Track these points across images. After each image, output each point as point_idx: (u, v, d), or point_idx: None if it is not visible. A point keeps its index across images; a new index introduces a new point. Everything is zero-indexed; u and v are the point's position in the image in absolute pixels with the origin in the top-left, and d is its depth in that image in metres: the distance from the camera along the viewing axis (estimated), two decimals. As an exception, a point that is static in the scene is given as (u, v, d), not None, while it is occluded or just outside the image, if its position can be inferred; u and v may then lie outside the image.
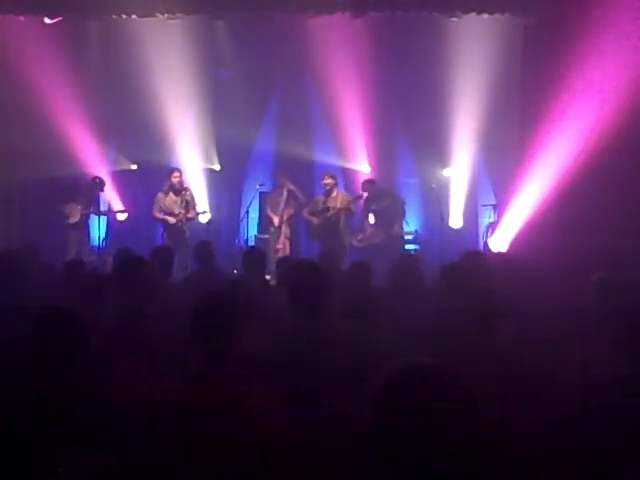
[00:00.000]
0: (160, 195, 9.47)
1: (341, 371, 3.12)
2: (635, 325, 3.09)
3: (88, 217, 9.82)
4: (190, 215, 9.45)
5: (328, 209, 9.45)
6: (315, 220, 9.49)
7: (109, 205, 10.28)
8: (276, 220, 9.75)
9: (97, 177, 9.91)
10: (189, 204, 9.45)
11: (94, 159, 10.28)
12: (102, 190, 9.92)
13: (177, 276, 6.71)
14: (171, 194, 9.46)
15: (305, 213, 9.65)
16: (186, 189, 9.58)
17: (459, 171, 10.27)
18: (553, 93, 8.46)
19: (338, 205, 9.43)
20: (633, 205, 8.33)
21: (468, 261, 5.03)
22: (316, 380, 3.06)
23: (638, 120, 8.16)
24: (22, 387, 2.93)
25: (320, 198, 9.60)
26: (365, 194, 9.61)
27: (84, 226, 9.77)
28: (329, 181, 9.48)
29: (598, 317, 3.64)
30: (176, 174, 9.51)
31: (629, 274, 4.38)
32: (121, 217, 10.42)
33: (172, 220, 9.32)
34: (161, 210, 9.43)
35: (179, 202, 9.41)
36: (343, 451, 2.62)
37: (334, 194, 9.51)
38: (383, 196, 9.63)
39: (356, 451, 1.74)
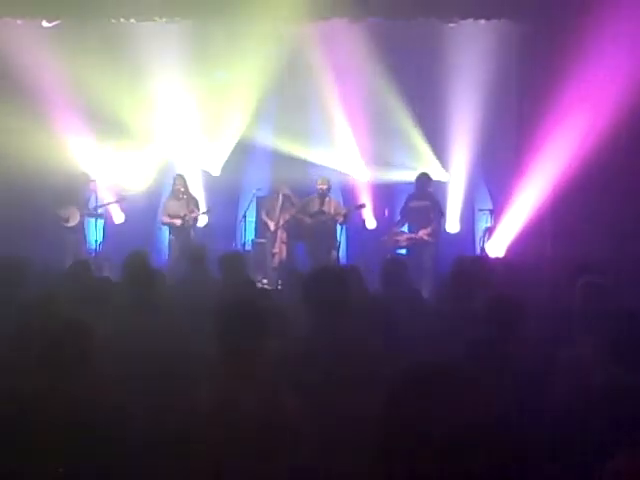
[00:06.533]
0: (165, 200, 9.73)
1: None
2: (619, 329, 3.09)
3: (85, 219, 9.79)
4: (194, 214, 9.57)
5: (323, 212, 9.44)
6: (309, 219, 9.46)
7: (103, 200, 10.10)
8: (272, 225, 9.75)
9: (84, 174, 9.84)
10: (191, 205, 9.60)
11: (92, 162, 10.26)
12: (94, 185, 9.86)
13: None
14: (175, 199, 9.62)
15: (297, 213, 9.60)
16: (188, 194, 9.67)
17: (456, 175, 10.27)
18: (550, 99, 8.49)
19: (332, 212, 9.42)
20: (630, 210, 8.35)
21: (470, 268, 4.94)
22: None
23: (634, 125, 8.19)
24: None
25: (315, 200, 9.54)
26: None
27: (82, 229, 9.73)
28: (325, 186, 9.44)
29: (583, 320, 3.65)
30: (179, 181, 9.60)
31: (620, 279, 4.38)
32: (117, 220, 10.43)
33: (178, 222, 9.49)
34: (168, 215, 9.59)
35: (184, 205, 9.58)
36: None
37: (327, 199, 9.50)
38: (426, 197, 9.36)
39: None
